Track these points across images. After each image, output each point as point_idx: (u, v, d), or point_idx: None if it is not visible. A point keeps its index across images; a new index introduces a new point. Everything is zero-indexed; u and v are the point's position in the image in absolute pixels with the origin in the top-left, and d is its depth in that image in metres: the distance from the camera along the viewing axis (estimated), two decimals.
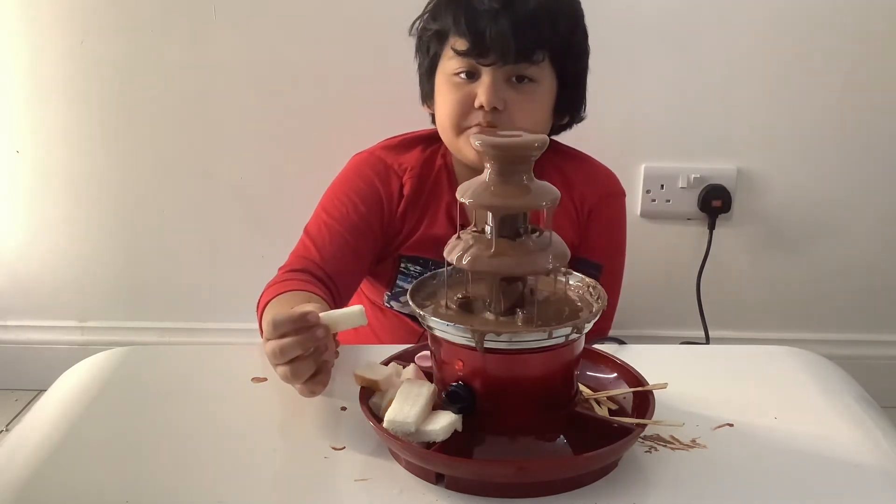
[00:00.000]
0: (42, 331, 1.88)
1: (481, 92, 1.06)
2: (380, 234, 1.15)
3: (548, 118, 1.13)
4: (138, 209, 1.78)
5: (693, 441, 0.78)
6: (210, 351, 1.09)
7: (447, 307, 0.76)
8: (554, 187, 0.76)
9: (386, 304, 1.19)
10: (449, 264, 0.76)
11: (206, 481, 0.74)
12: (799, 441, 0.79)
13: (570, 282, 0.82)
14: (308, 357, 0.80)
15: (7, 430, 1.73)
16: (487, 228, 0.75)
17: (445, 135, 1.13)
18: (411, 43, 1.17)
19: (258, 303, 1.05)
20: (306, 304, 0.83)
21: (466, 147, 1.10)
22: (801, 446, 0.78)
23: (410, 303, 0.77)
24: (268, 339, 0.81)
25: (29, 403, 1.82)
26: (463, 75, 1.08)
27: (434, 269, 1.13)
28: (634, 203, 1.72)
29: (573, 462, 0.73)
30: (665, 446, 0.77)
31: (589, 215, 1.18)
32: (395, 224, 1.15)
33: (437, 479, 0.72)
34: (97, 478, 0.74)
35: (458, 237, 0.76)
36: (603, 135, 1.22)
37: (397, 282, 1.17)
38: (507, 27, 1.03)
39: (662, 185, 1.72)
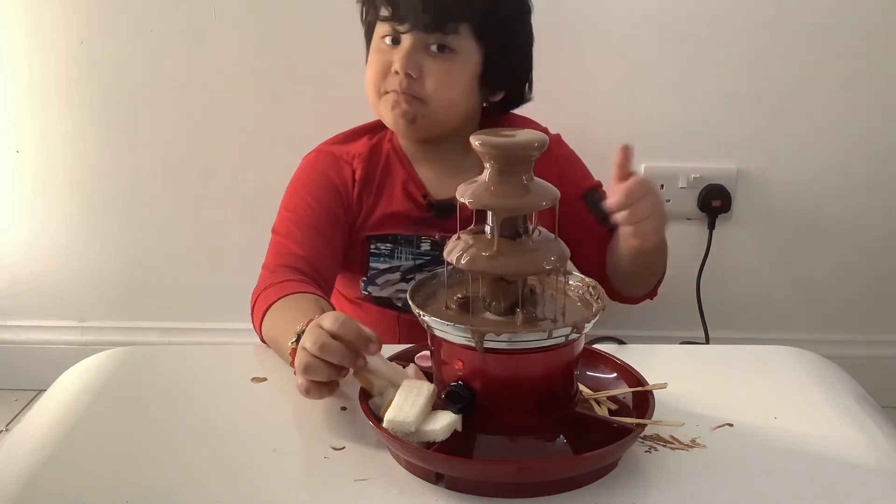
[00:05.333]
0: (42, 331, 1.88)
1: (397, 58, 1.11)
2: (344, 219, 1.18)
3: (470, 90, 1.15)
4: (138, 209, 1.78)
5: (693, 441, 0.78)
6: (210, 351, 1.09)
7: (447, 307, 0.76)
8: (554, 187, 0.76)
9: (363, 291, 1.19)
10: (449, 264, 0.76)
11: (205, 481, 0.74)
12: (799, 441, 0.79)
13: (570, 282, 0.82)
14: (335, 368, 0.80)
15: (7, 430, 1.73)
16: (487, 228, 0.75)
17: (370, 99, 1.17)
18: None
19: (253, 305, 1.05)
20: (371, 332, 0.81)
21: (384, 112, 1.15)
22: (801, 446, 0.78)
23: (410, 303, 0.76)
24: (322, 327, 0.80)
25: (29, 403, 1.82)
26: (388, 41, 1.12)
27: (401, 244, 1.17)
28: None
29: (573, 462, 0.73)
30: (665, 446, 0.77)
31: (556, 161, 1.20)
32: (354, 208, 1.18)
33: (437, 479, 0.72)
34: (97, 478, 0.75)
35: (458, 237, 0.76)
36: (603, 135, 1.22)
37: (370, 264, 1.19)
38: None
39: (662, 185, 1.72)
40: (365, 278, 1.20)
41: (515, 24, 1.16)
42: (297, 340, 0.85)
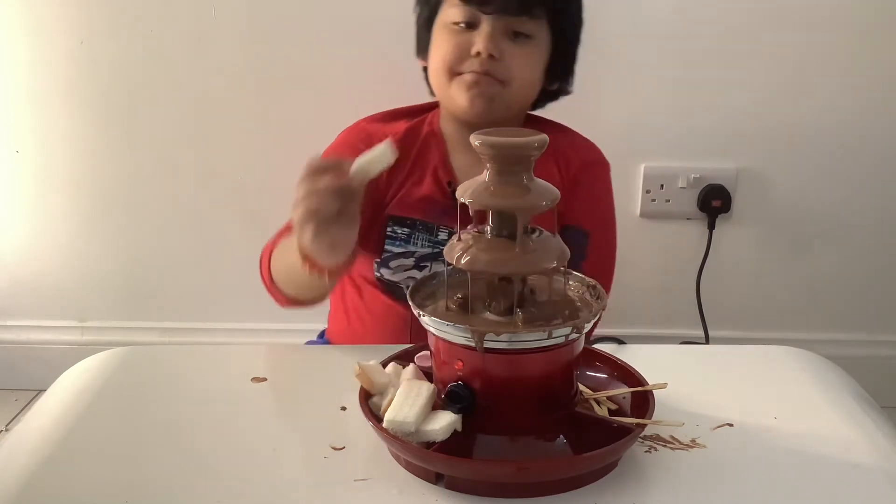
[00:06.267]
0: (42, 331, 1.88)
1: (479, 40, 1.08)
2: (367, 198, 1.15)
3: (540, 78, 1.15)
4: (138, 209, 1.79)
5: (693, 441, 0.78)
6: (210, 351, 1.09)
7: (447, 307, 0.76)
8: (554, 187, 0.76)
9: (376, 272, 1.18)
10: (449, 264, 0.76)
11: (205, 481, 0.74)
12: (799, 441, 0.79)
13: (570, 282, 0.82)
14: (334, 194, 0.84)
15: (7, 430, 1.73)
16: (487, 228, 0.75)
17: (438, 80, 1.14)
18: (411, 43, 1.17)
19: (260, 268, 1.06)
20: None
21: (458, 93, 1.11)
22: (801, 446, 0.78)
23: (410, 303, 0.76)
24: (301, 182, 0.84)
25: (29, 403, 1.82)
26: (462, 25, 1.10)
27: (419, 230, 1.15)
28: (634, 203, 1.72)
29: (573, 462, 0.73)
30: (665, 446, 0.77)
31: (574, 181, 1.18)
32: (382, 189, 1.16)
33: (437, 478, 0.72)
34: (97, 478, 0.74)
35: (458, 237, 0.76)
36: (603, 135, 1.22)
37: (385, 246, 1.17)
38: None
39: (662, 185, 1.72)
40: (378, 260, 1.17)
41: (581, 13, 1.17)
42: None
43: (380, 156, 0.85)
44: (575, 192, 1.18)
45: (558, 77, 1.19)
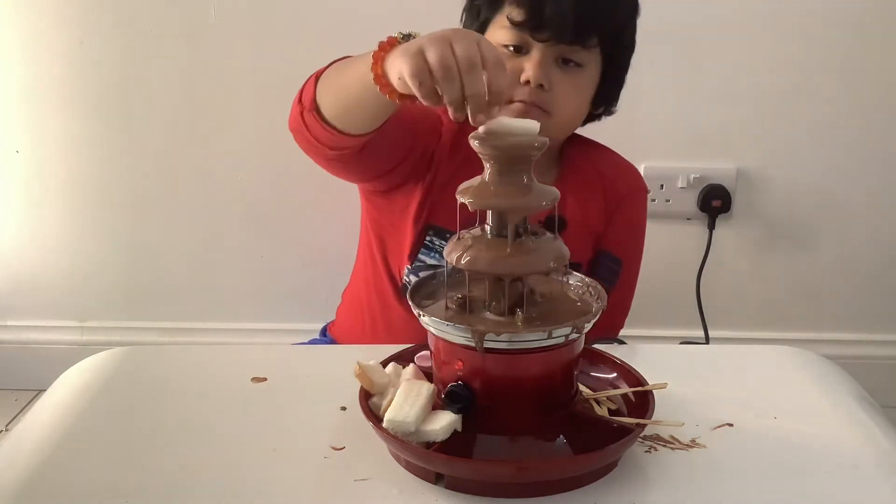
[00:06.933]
0: (42, 331, 1.88)
1: (529, 67, 1.03)
2: (417, 141, 1.09)
3: (587, 106, 1.12)
4: (138, 209, 1.79)
5: (693, 441, 0.78)
6: (210, 351, 1.09)
7: (447, 307, 0.76)
8: (554, 188, 0.76)
9: (405, 277, 1.16)
10: (449, 264, 0.76)
11: (205, 481, 0.74)
12: (798, 441, 0.79)
13: (570, 282, 0.82)
14: (457, 87, 0.72)
15: (7, 430, 1.73)
16: (487, 228, 0.75)
17: None
18: None
19: (300, 94, 1.00)
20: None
21: None
22: (801, 446, 0.78)
23: (410, 302, 0.77)
24: (468, 41, 0.72)
25: (29, 403, 1.82)
26: (511, 48, 1.05)
27: None
28: None
29: (573, 462, 0.73)
30: (665, 446, 0.77)
31: (617, 205, 1.18)
32: (427, 157, 1.10)
33: (437, 478, 0.72)
34: (97, 477, 0.74)
35: (458, 237, 0.76)
36: (603, 135, 1.22)
37: (419, 255, 1.14)
38: (568, 4, 1.01)
39: (662, 185, 1.72)
40: (409, 266, 1.14)
41: (634, 41, 1.13)
42: (407, 37, 0.78)
43: (521, 129, 0.74)
44: (616, 215, 1.17)
45: (605, 102, 1.15)
